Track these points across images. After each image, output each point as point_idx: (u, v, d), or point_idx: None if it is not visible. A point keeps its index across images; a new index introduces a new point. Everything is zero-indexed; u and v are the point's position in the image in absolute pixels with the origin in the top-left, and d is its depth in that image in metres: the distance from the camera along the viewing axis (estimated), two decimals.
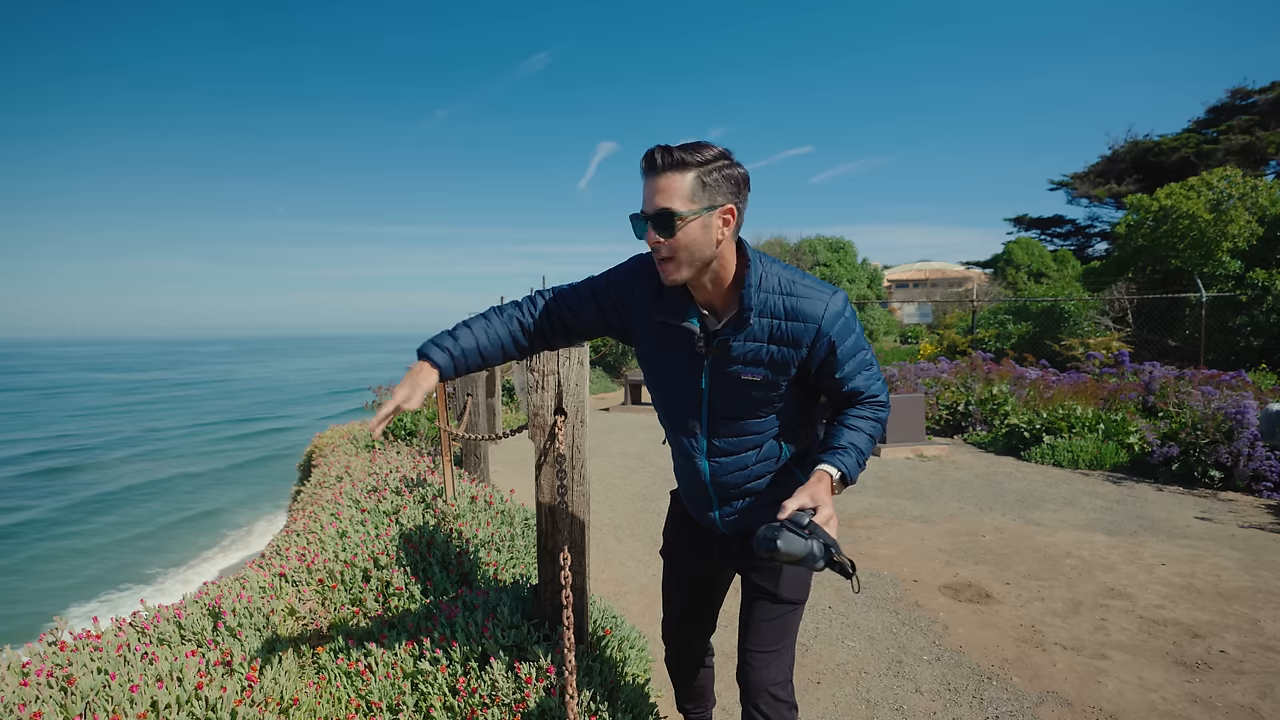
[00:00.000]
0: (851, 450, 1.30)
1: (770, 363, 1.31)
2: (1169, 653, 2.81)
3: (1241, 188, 12.34)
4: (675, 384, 1.41)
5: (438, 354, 1.39)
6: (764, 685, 1.47)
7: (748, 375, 1.32)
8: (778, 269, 1.31)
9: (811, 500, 1.19)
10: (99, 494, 15.02)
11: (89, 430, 24.97)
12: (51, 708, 1.70)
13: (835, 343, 1.29)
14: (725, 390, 1.35)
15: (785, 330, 1.29)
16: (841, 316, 1.29)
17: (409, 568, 2.78)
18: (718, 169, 1.19)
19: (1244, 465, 5.39)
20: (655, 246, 1.22)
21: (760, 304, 1.28)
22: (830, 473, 1.26)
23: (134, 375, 58.24)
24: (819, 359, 1.31)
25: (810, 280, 1.32)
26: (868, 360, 1.36)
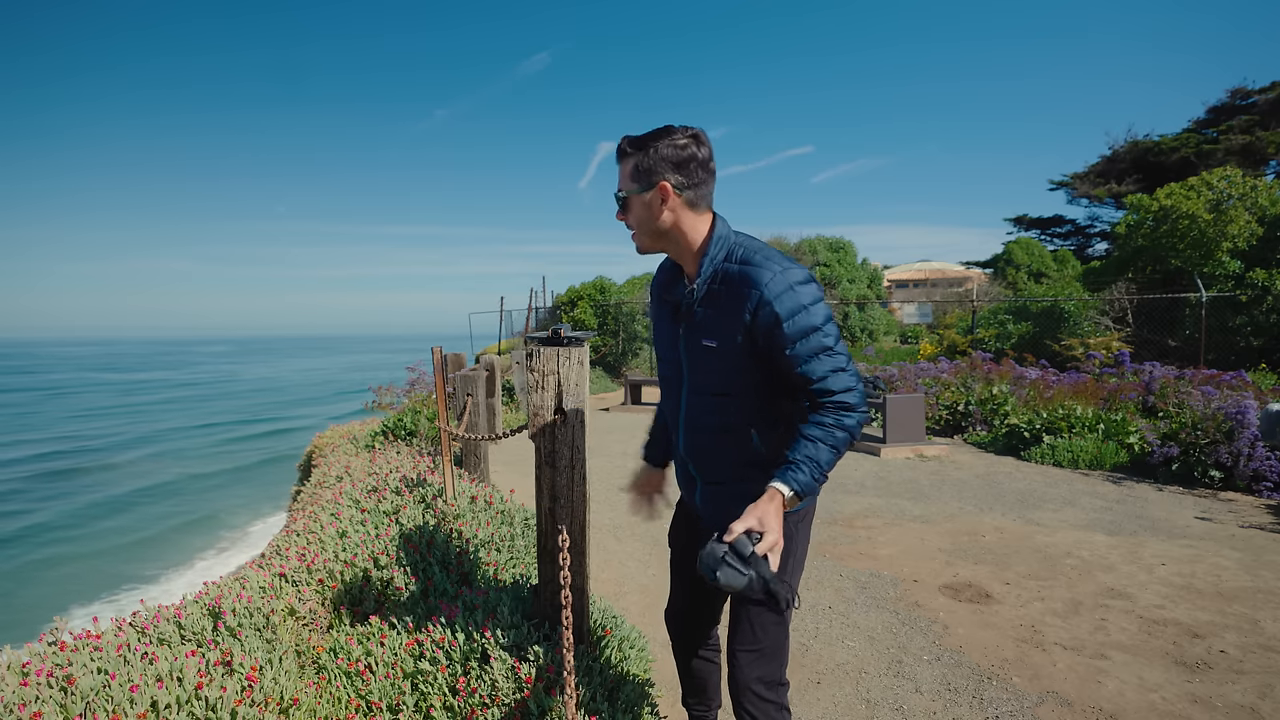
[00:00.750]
0: (806, 465, 1.29)
1: (721, 330, 1.35)
2: (1169, 653, 2.81)
3: (1241, 188, 12.33)
4: (664, 355, 1.55)
5: (655, 455, 1.82)
6: (745, 683, 1.48)
7: (707, 342, 1.37)
8: (745, 241, 1.37)
9: (759, 523, 1.22)
10: (106, 496, 14.99)
11: (95, 431, 24.95)
12: (51, 708, 1.70)
13: (780, 315, 1.27)
14: (694, 359, 1.43)
15: (731, 295, 1.32)
16: (791, 290, 1.28)
17: (409, 568, 2.78)
18: (656, 151, 1.32)
19: (1244, 465, 5.39)
20: (622, 222, 1.41)
21: (713, 272, 1.35)
22: (782, 491, 1.27)
23: (137, 375, 58.23)
24: (763, 330, 1.30)
25: (776, 256, 1.33)
26: (826, 346, 1.30)
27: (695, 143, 1.33)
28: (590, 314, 17.90)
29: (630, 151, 1.35)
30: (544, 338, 1.96)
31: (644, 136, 1.33)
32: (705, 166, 1.35)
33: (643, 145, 1.33)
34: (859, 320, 19.87)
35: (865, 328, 19.97)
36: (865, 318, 20.09)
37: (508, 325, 18.39)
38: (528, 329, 18.98)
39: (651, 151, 1.32)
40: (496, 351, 16.13)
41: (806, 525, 1.54)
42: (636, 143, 1.34)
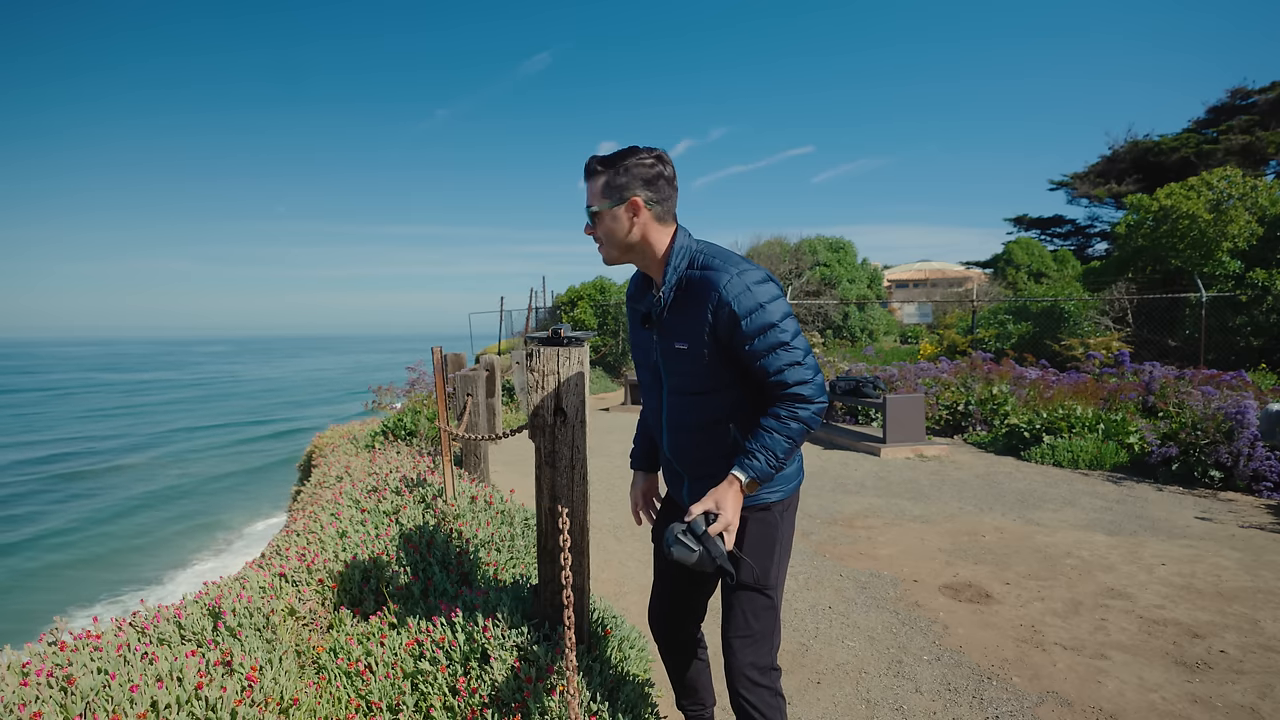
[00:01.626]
0: (761, 454, 1.39)
1: (688, 333, 1.43)
2: (1169, 653, 2.81)
3: (1241, 188, 12.33)
4: (641, 361, 1.64)
5: (644, 463, 1.87)
6: (739, 669, 1.55)
7: (679, 345, 1.46)
8: (706, 248, 1.46)
9: (715, 505, 1.36)
10: (114, 499, 14.93)
11: (101, 433, 24.90)
12: (51, 708, 1.70)
13: (738, 314, 1.36)
14: (669, 362, 1.51)
15: (694, 299, 1.41)
16: (747, 291, 1.36)
17: (409, 568, 2.78)
18: (625, 169, 1.41)
19: (1244, 465, 5.39)
20: (592, 236, 1.49)
21: (675, 279, 1.44)
22: (739, 477, 1.39)
23: (139, 375, 58.18)
24: (724, 329, 1.39)
25: (734, 260, 1.41)
26: (782, 341, 1.38)
27: (660, 162, 1.44)
28: (590, 314, 17.90)
29: (601, 170, 1.43)
30: (544, 338, 1.96)
31: (613, 156, 1.43)
32: (671, 183, 1.47)
33: (613, 164, 1.42)
34: (859, 320, 19.87)
35: (865, 328, 19.97)
36: (865, 318, 20.08)
37: (508, 325, 18.39)
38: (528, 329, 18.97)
39: (622, 170, 1.42)
40: (496, 351, 16.13)
41: (791, 514, 1.62)
42: (607, 161, 1.43)
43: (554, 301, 19.32)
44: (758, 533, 1.56)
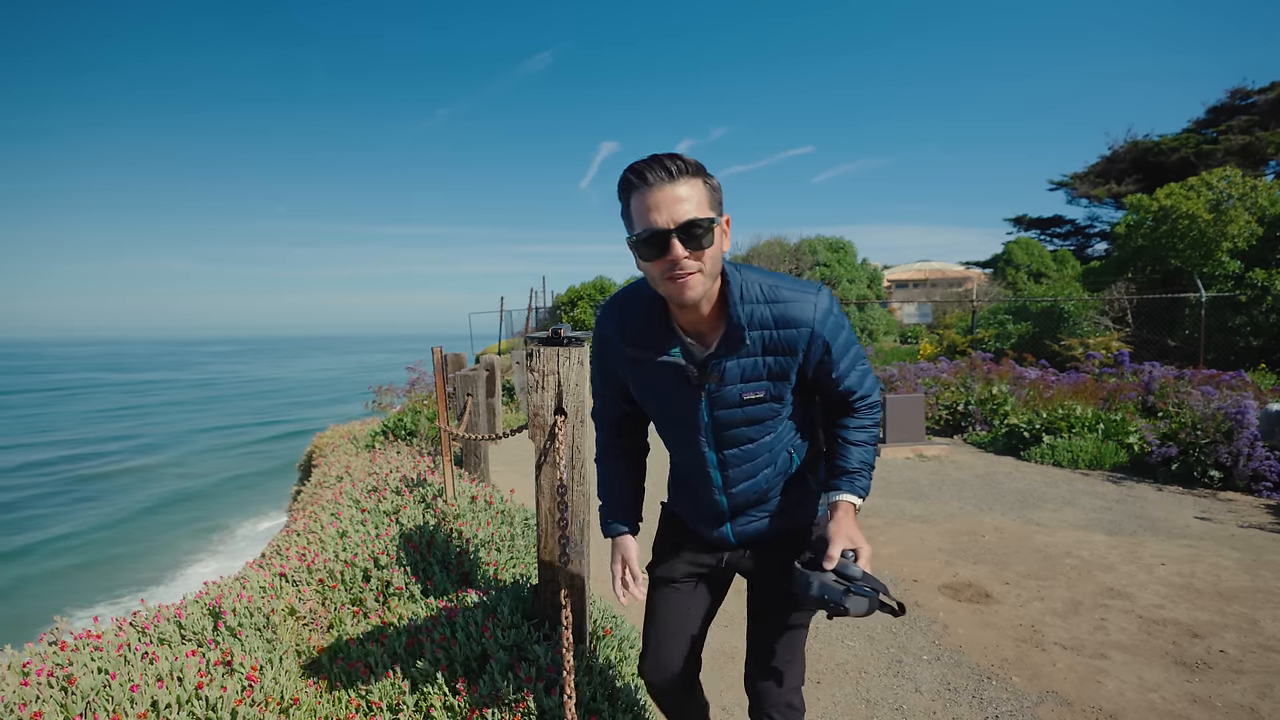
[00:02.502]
0: (865, 471, 1.33)
1: (770, 375, 1.28)
2: (1168, 652, 2.81)
3: (1241, 188, 12.34)
4: (674, 417, 1.37)
5: (620, 527, 1.53)
6: (781, 697, 1.45)
7: (750, 394, 1.28)
8: (755, 276, 1.27)
9: (850, 541, 1.22)
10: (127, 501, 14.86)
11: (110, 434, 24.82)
12: (52, 707, 1.70)
13: (829, 343, 1.27)
14: (730, 413, 1.31)
15: (778, 339, 1.25)
16: (831, 314, 1.26)
17: (409, 567, 2.78)
18: (712, 177, 1.19)
19: (1243, 465, 5.39)
20: (681, 264, 1.13)
21: (749, 316, 1.24)
22: (855, 503, 1.30)
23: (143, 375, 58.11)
24: (815, 361, 1.29)
25: (791, 282, 1.28)
26: (860, 356, 1.34)
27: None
28: (590, 314, 17.91)
29: (697, 172, 1.15)
30: (544, 338, 1.96)
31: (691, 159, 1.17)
32: None
33: (704, 169, 1.17)
34: (859, 320, 19.87)
35: (865, 328, 19.98)
36: (865, 318, 20.09)
37: (508, 325, 18.40)
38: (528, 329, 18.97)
39: (711, 177, 1.18)
40: (496, 351, 16.13)
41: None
42: (699, 164, 1.16)
43: (554, 301, 19.32)
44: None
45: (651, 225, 1.12)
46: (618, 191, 1.18)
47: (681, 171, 1.12)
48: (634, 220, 1.16)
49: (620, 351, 1.35)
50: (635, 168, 1.13)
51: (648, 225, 1.12)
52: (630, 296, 1.35)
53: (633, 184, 1.14)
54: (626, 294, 1.37)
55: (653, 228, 1.12)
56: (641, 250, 1.16)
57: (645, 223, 1.13)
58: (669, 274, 1.14)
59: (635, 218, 1.15)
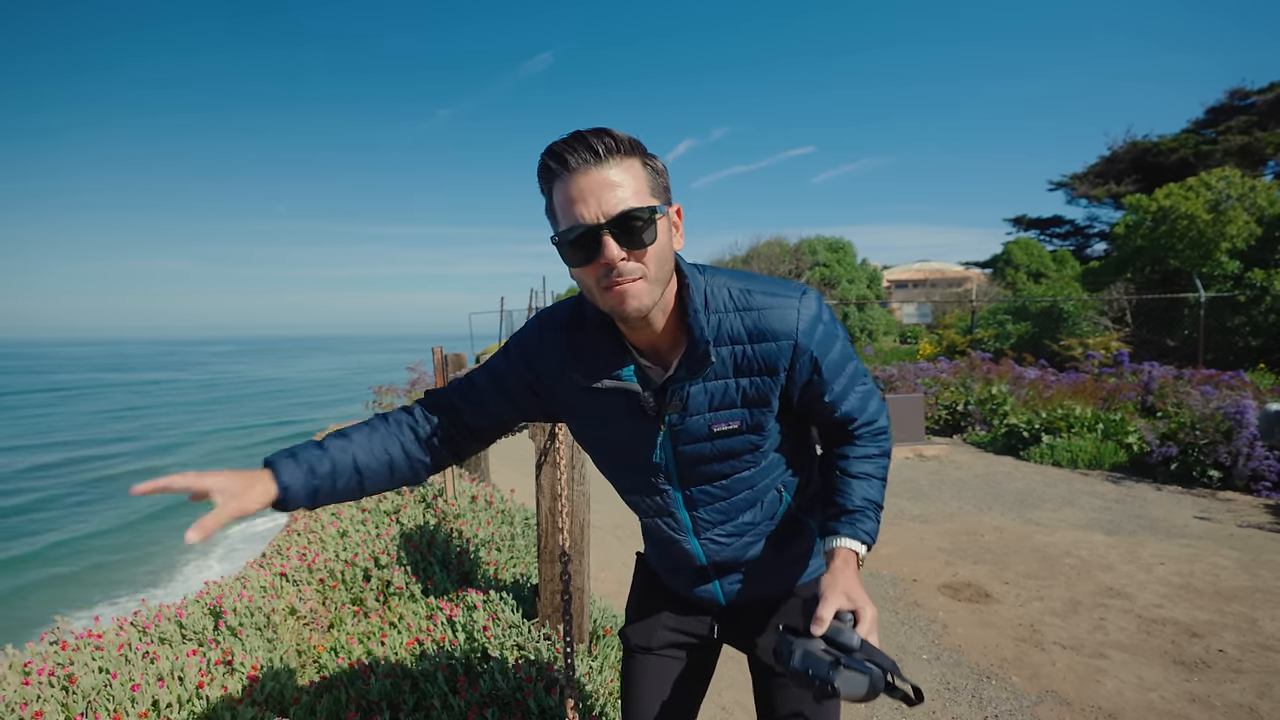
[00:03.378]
0: (870, 510, 1.08)
1: (746, 401, 1.03)
2: (1168, 652, 2.82)
3: (1240, 188, 12.36)
4: (627, 460, 1.11)
5: (289, 470, 0.99)
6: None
7: (721, 425, 1.03)
8: (723, 279, 1.03)
9: (848, 599, 0.94)
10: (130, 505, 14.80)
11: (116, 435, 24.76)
12: (53, 707, 1.70)
13: (818, 358, 1.02)
14: (696, 448, 1.05)
15: (754, 356, 1.00)
16: (819, 323, 1.01)
17: (409, 567, 2.78)
18: (654, 158, 0.95)
19: (1243, 465, 5.40)
20: (618, 267, 0.89)
21: (715, 329, 0.99)
22: (856, 551, 1.04)
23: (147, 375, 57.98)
24: (801, 381, 1.03)
25: (767, 284, 1.03)
26: (859, 373, 1.08)
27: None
28: None
29: (634, 150, 0.92)
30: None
31: (629, 137, 0.93)
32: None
33: (640, 146, 0.93)
34: (859, 320, 19.89)
35: (865, 328, 19.99)
36: (865, 318, 20.10)
37: (508, 325, 18.41)
38: None
39: (651, 158, 0.95)
40: None
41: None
42: (635, 142, 0.93)
43: (554, 301, 19.34)
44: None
45: (577, 220, 0.89)
46: (538, 181, 0.94)
47: (612, 151, 0.89)
48: (558, 216, 0.92)
49: (559, 377, 1.07)
50: (553, 149, 0.89)
51: (573, 220, 0.89)
52: (573, 307, 1.09)
53: (551, 170, 0.90)
54: (578, 303, 1.09)
55: (578, 224, 0.89)
56: (568, 253, 0.92)
57: (570, 217, 0.90)
58: (604, 282, 0.91)
59: (559, 212, 0.92)
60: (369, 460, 1.06)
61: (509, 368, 1.11)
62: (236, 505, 0.92)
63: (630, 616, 1.31)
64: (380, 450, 1.07)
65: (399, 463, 1.09)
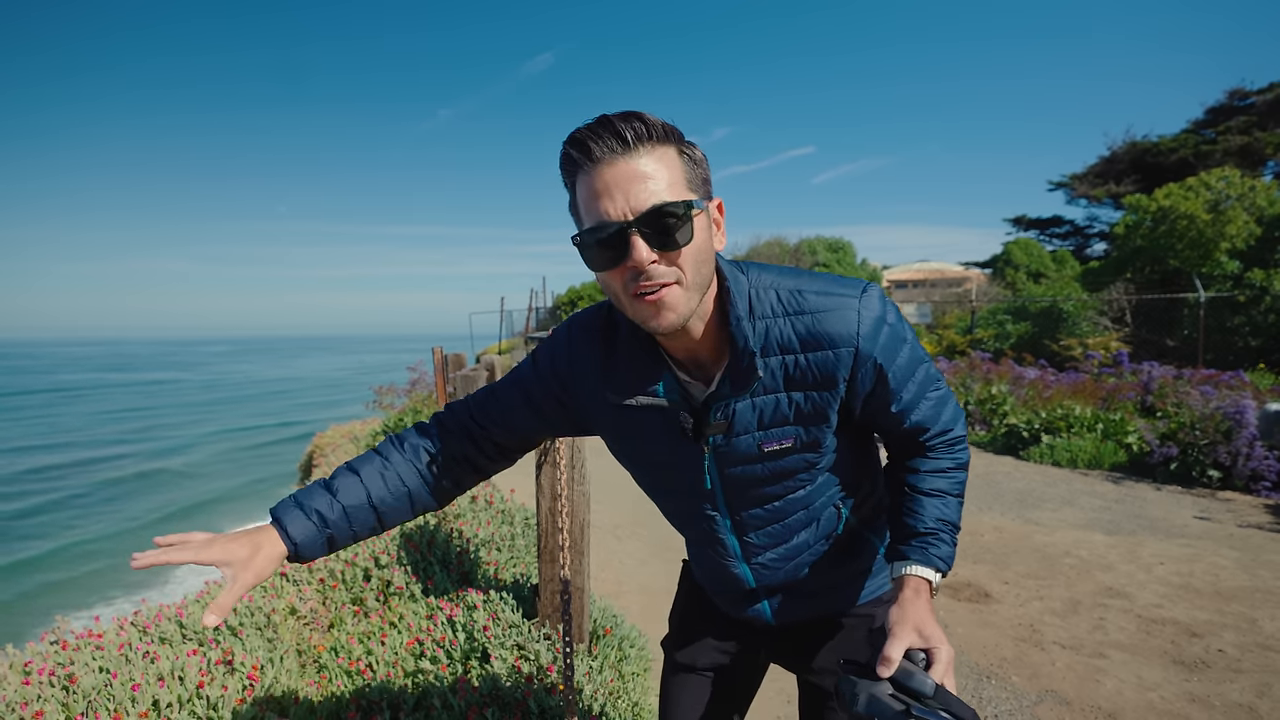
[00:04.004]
0: (945, 532, 0.94)
1: (799, 418, 0.91)
2: (1167, 652, 2.82)
3: (1239, 188, 12.37)
4: (669, 483, 1.03)
5: (297, 523, 0.92)
6: None
7: (773, 445, 0.92)
8: (771, 278, 0.91)
9: (920, 636, 0.83)
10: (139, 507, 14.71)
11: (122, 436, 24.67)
12: (54, 706, 1.70)
13: (883, 365, 0.89)
14: (746, 470, 0.95)
15: (808, 366, 0.89)
16: (883, 324, 0.88)
17: (409, 567, 2.78)
18: (692, 146, 0.84)
19: (1242, 465, 5.40)
20: (649, 271, 0.79)
21: (762, 337, 0.88)
22: (929, 579, 0.91)
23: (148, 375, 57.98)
24: (864, 392, 0.91)
25: (822, 282, 0.91)
26: (931, 377, 0.95)
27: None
28: None
29: (666, 136, 0.80)
30: (544, 337, 1.97)
31: (659, 120, 0.80)
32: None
33: (677, 132, 0.82)
34: None
35: None
36: None
37: (508, 325, 18.42)
38: (528, 329, 18.99)
39: (691, 146, 0.84)
40: (497, 351, 16.14)
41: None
42: (670, 128, 0.81)
43: (554, 301, 19.34)
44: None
45: (602, 217, 0.78)
46: (561, 174, 0.85)
47: (642, 137, 0.77)
48: (581, 213, 0.82)
49: (591, 391, 0.97)
50: (576, 137, 0.79)
51: (597, 218, 0.79)
52: (606, 312, 0.98)
53: (574, 161, 0.80)
54: (601, 308, 0.99)
55: (603, 221, 0.78)
56: (592, 255, 0.81)
57: (594, 214, 0.79)
58: (633, 288, 0.80)
59: (582, 209, 0.82)
60: (384, 495, 0.98)
61: (536, 378, 1.02)
62: (250, 576, 0.85)
63: (674, 627, 1.24)
64: (396, 483, 0.99)
65: (418, 493, 1.01)
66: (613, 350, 0.95)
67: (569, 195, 0.85)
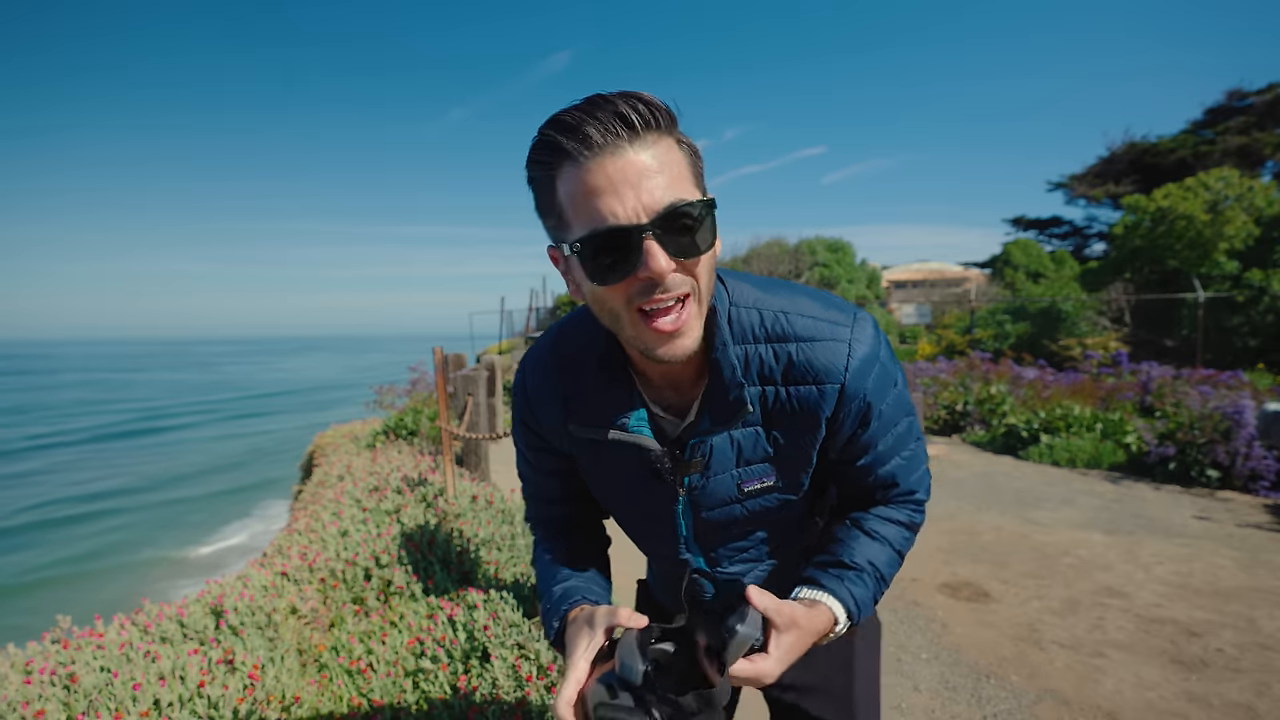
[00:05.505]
0: (871, 577, 0.84)
1: (779, 454, 0.83)
2: (1166, 651, 2.83)
3: (1238, 189, 12.39)
4: (643, 527, 0.95)
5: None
6: None
7: (753, 484, 0.84)
8: (752, 293, 0.81)
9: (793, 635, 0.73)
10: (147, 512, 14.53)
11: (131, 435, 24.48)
12: (55, 705, 1.71)
13: (867, 407, 0.80)
14: (723, 513, 0.88)
15: (788, 401, 0.79)
16: (874, 362, 0.79)
17: (410, 566, 2.79)
18: (684, 135, 0.71)
19: (1241, 464, 5.41)
20: (667, 283, 0.68)
21: (742, 363, 0.78)
22: (835, 616, 0.80)
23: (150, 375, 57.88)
24: (844, 435, 0.82)
25: (807, 304, 0.80)
26: (913, 431, 0.86)
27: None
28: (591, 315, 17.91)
29: (670, 124, 0.68)
30: None
31: (661, 103, 0.68)
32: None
33: (675, 119, 0.69)
34: None
35: None
36: None
37: (508, 325, 18.42)
38: (528, 329, 18.99)
39: (685, 136, 0.71)
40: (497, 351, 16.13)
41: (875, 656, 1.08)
42: (670, 111, 0.68)
43: (554, 301, 19.33)
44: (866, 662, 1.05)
45: (607, 219, 0.65)
46: (528, 168, 0.71)
47: (648, 125, 0.65)
48: (568, 214, 0.68)
49: (559, 432, 0.88)
50: (564, 120, 0.65)
51: (599, 220, 0.66)
52: (565, 343, 0.88)
53: (560, 149, 0.66)
54: (559, 339, 0.89)
55: (610, 224, 0.65)
56: (594, 266, 0.68)
57: (593, 216, 0.66)
58: (640, 303, 0.69)
59: (572, 209, 0.68)
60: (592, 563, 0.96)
61: (527, 440, 0.94)
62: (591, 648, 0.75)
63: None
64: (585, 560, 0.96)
65: (602, 560, 0.99)
66: (575, 379, 0.85)
67: (538, 195, 0.71)
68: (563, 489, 0.97)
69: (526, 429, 0.93)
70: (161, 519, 13.57)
